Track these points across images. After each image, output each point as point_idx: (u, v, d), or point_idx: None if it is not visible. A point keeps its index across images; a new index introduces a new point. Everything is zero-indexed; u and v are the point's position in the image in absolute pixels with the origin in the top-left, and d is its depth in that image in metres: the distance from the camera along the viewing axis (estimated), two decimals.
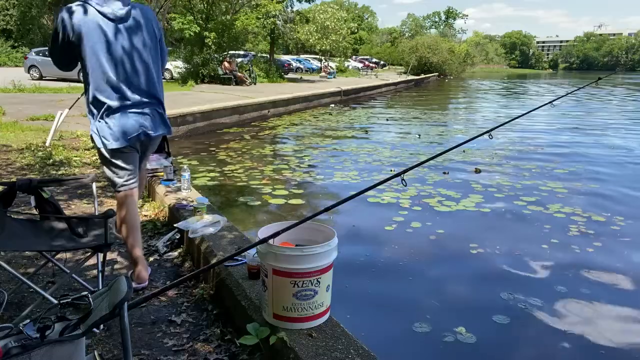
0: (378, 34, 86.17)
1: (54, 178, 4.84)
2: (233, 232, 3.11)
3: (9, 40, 30.04)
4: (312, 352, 1.85)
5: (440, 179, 6.52)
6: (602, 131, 12.26)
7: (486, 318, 3.04)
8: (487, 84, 42.81)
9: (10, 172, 5.11)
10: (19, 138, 6.94)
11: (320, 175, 6.72)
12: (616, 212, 5.19)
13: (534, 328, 2.98)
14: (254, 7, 22.88)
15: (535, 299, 3.27)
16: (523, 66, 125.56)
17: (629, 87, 37.57)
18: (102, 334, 2.28)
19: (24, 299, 2.57)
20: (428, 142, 9.92)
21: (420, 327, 2.91)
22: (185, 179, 4.01)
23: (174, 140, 8.40)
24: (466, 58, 62.06)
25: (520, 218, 5.00)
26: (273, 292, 2.00)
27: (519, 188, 6.11)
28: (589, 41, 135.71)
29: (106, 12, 2.42)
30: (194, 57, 19.08)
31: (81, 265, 2.56)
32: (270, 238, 1.86)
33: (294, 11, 29.65)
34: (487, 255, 4.04)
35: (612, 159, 8.39)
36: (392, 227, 4.60)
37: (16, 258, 3.06)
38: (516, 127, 11.34)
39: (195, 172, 6.27)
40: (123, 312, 1.21)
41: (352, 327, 2.10)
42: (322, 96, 17.74)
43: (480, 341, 2.79)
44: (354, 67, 44.11)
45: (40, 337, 1.10)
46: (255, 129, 11.05)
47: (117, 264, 3.14)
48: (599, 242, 4.33)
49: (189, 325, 2.43)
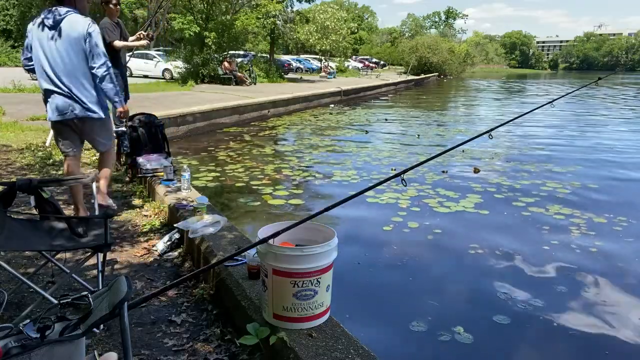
0: (378, 34, 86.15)
1: (54, 178, 4.84)
2: (233, 232, 3.11)
3: (9, 40, 30.01)
4: (312, 352, 1.85)
5: (439, 178, 6.52)
6: (602, 131, 12.26)
7: (486, 318, 3.04)
8: (486, 83, 42.81)
9: (10, 172, 5.11)
10: (19, 138, 6.94)
11: (320, 175, 6.72)
12: (617, 212, 5.19)
13: (533, 328, 2.98)
14: (254, 7, 22.88)
15: (535, 300, 3.27)
16: (523, 66, 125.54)
17: (629, 86, 37.56)
18: (102, 334, 2.28)
19: (24, 299, 2.57)
20: (428, 142, 9.92)
21: (419, 326, 2.91)
22: (185, 179, 4.01)
23: (174, 140, 8.40)
24: (466, 58, 62.07)
25: (520, 218, 5.00)
26: (273, 292, 2.00)
27: (518, 188, 6.11)
28: (589, 41, 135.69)
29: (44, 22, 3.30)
30: (194, 57, 19.08)
31: (81, 265, 2.56)
32: (270, 238, 1.86)
33: (294, 11, 29.66)
34: (487, 255, 4.04)
35: (612, 159, 8.39)
36: (392, 227, 4.60)
37: (16, 258, 3.06)
38: (516, 127, 11.34)
39: (195, 172, 6.27)
40: (123, 312, 1.21)
41: (351, 326, 2.10)
42: (322, 96, 17.74)
43: (479, 341, 2.79)
44: (354, 67, 44.12)
45: (40, 337, 1.09)
46: (255, 129, 11.05)
47: (117, 264, 3.14)
48: (600, 242, 4.33)
49: (189, 325, 2.43)
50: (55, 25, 3.30)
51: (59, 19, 3.29)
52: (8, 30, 30.14)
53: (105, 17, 6.14)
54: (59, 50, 3.32)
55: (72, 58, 3.34)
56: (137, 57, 20.28)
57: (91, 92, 3.43)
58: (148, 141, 4.92)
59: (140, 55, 21.19)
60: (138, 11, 28.43)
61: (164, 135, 5.10)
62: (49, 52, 3.32)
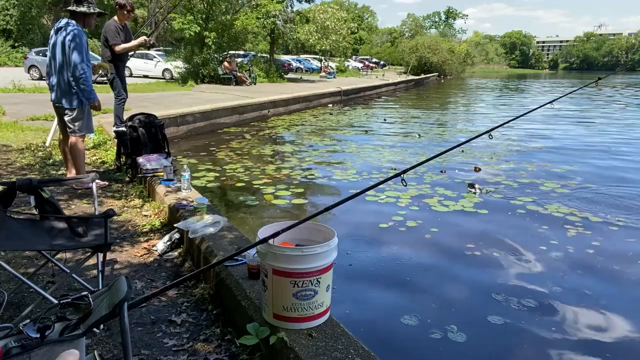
0: (378, 34, 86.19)
1: (54, 178, 4.84)
2: (233, 232, 3.11)
3: (9, 40, 29.97)
4: (312, 352, 1.85)
5: (439, 178, 6.52)
6: (602, 131, 12.26)
7: (480, 318, 3.04)
8: (486, 82, 42.79)
9: (10, 172, 5.11)
10: (19, 138, 6.94)
11: (320, 175, 6.72)
12: (615, 212, 5.19)
13: (528, 329, 2.97)
14: (254, 7, 22.86)
15: (530, 300, 3.26)
16: (523, 66, 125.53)
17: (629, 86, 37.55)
18: (102, 334, 2.28)
19: (24, 299, 2.57)
20: (428, 142, 9.92)
21: (412, 324, 2.92)
22: (185, 179, 4.01)
23: (174, 140, 8.40)
24: (466, 58, 62.08)
25: (518, 218, 5.00)
26: (273, 292, 2.00)
27: (517, 188, 6.11)
28: (589, 41, 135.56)
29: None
30: (194, 57, 19.07)
31: (81, 265, 2.56)
32: (270, 238, 1.86)
33: (294, 11, 29.61)
34: (483, 255, 4.03)
35: (611, 159, 8.39)
36: (391, 227, 4.60)
37: (16, 258, 3.06)
38: (516, 127, 11.34)
39: (195, 172, 6.28)
40: (123, 312, 1.21)
41: (350, 326, 2.10)
42: (322, 96, 17.74)
43: (472, 340, 2.79)
44: (354, 67, 44.12)
45: (40, 337, 1.09)
46: (255, 129, 11.04)
47: (117, 264, 3.14)
48: (598, 242, 4.33)
49: (189, 325, 2.43)
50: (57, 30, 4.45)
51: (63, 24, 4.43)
52: (8, 30, 30.09)
53: (113, 17, 6.15)
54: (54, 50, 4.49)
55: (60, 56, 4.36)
56: (137, 57, 20.30)
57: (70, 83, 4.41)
58: (148, 141, 4.93)
59: (140, 55, 21.19)
60: (138, 11, 28.42)
61: (164, 135, 5.10)
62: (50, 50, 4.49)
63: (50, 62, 4.36)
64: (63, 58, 4.25)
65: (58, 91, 4.37)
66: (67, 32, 4.21)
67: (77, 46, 4.21)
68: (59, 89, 4.35)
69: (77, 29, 4.24)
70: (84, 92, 4.32)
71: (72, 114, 4.40)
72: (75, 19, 4.29)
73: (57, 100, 4.40)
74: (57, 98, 4.39)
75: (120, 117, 6.26)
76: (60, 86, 4.33)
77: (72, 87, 4.31)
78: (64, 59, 4.25)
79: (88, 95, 4.35)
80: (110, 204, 4.26)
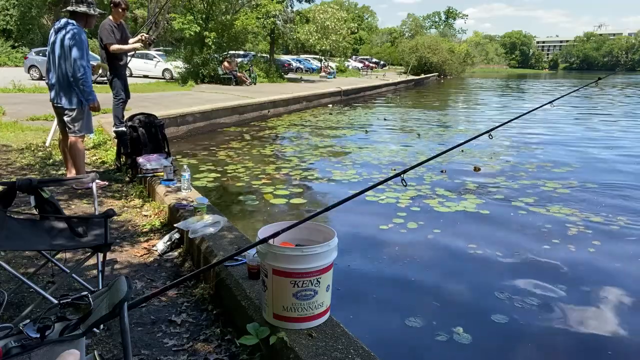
0: (378, 34, 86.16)
1: (54, 178, 4.84)
2: (233, 232, 3.11)
3: (9, 40, 29.98)
4: (312, 352, 1.85)
5: (439, 178, 6.52)
6: (601, 131, 12.25)
7: (484, 318, 3.04)
8: (486, 82, 42.79)
9: (10, 172, 5.11)
10: (19, 138, 6.94)
11: (320, 174, 6.72)
12: (616, 212, 5.19)
13: (532, 328, 2.98)
14: (254, 7, 22.85)
15: (533, 299, 3.27)
16: (523, 66, 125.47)
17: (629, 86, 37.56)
18: (102, 334, 2.28)
19: (24, 299, 2.57)
20: (428, 142, 9.92)
21: (418, 326, 2.91)
22: (185, 179, 4.01)
23: (174, 140, 8.39)
24: (466, 58, 62.06)
25: (519, 218, 5.00)
26: (273, 292, 2.00)
27: (518, 188, 6.11)
28: (589, 41, 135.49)
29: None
30: (194, 57, 19.07)
31: (81, 265, 2.56)
32: (270, 238, 1.86)
33: (294, 11, 29.61)
34: (486, 255, 4.03)
35: (611, 159, 8.39)
36: (391, 227, 4.60)
37: (16, 258, 3.06)
38: (516, 126, 11.34)
39: (195, 172, 6.27)
40: (123, 312, 1.21)
41: (350, 326, 2.10)
42: (322, 96, 17.73)
43: (478, 341, 2.79)
44: (354, 67, 44.10)
45: (40, 337, 1.09)
46: (255, 129, 11.04)
47: (117, 264, 3.14)
48: (599, 242, 4.33)
49: (189, 325, 2.43)
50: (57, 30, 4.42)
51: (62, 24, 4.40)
52: (8, 30, 30.11)
53: (108, 17, 6.11)
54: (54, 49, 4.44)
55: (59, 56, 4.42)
56: (137, 57, 20.27)
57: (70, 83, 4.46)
58: (148, 141, 4.93)
59: (140, 55, 21.16)
60: (138, 11, 28.41)
61: (164, 135, 5.10)
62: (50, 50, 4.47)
63: (50, 61, 4.37)
64: (63, 58, 4.27)
65: (58, 91, 4.38)
66: (67, 31, 4.22)
67: (77, 46, 4.21)
68: (58, 89, 4.37)
69: (77, 28, 4.25)
70: (84, 92, 4.33)
71: (71, 114, 4.41)
72: (76, 19, 4.30)
73: (56, 100, 4.42)
74: (57, 98, 4.40)
75: (119, 117, 6.25)
76: (60, 86, 4.35)
77: (72, 87, 4.32)
78: (63, 58, 4.26)
79: (87, 96, 4.35)
80: (110, 204, 4.26)
